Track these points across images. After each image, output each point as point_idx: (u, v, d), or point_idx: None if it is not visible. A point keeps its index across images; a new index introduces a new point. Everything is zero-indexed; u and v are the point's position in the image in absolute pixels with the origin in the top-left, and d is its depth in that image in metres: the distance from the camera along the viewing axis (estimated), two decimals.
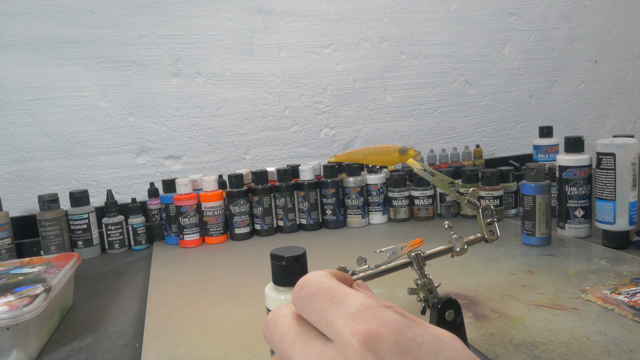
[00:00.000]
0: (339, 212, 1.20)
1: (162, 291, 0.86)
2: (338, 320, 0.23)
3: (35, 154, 1.23)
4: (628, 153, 0.88)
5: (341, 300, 0.24)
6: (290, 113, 1.43)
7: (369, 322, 0.22)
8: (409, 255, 0.52)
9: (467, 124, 1.62)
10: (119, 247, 1.16)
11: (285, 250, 0.47)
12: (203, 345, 0.65)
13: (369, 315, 0.23)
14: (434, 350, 0.22)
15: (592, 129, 1.80)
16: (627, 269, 0.80)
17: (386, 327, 0.22)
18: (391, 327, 0.22)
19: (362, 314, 0.23)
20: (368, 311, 0.23)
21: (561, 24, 1.70)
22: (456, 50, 1.58)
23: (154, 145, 1.32)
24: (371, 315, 0.23)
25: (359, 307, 0.23)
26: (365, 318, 0.23)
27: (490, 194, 1.15)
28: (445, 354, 0.22)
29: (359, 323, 0.22)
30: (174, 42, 1.31)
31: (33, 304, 0.62)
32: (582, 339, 0.59)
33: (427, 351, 0.22)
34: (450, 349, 0.23)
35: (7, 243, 1.07)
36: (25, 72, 1.20)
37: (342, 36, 1.45)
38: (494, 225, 0.57)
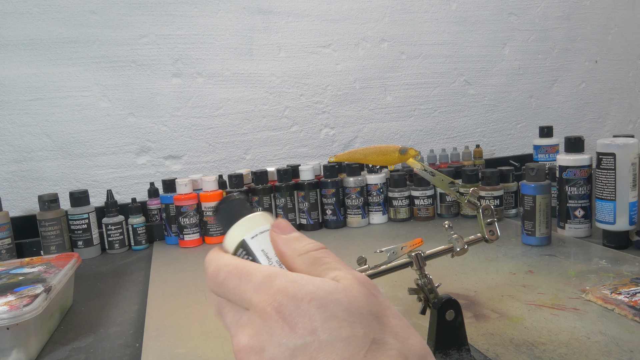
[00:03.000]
0: (339, 212, 1.20)
1: (162, 291, 0.86)
2: (247, 294, 0.28)
3: (35, 154, 1.23)
4: (628, 153, 0.88)
5: (247, 277, 0.28)
6: (290, 113, 1.43)
7: (269, 291, 0.27)
8: (409, 255, 0.52)
9: (467, 124, 1.62)
10: (119, 247, 1.16)
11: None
12: (203, 345, 0.65)
13: (269, 285, 0.27)
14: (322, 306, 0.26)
15: (592, 129, 1.80)
16: (627, 269, 0.80)
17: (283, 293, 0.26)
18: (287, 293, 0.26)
19: (265, 285, 0.27)
20: (268, 281, 0.27)
21: (561, 24, 1.70)
22: (456, 50, 1.58)
23: (154, 145, 1.32)
24: (269, 285, 0.27)
25: (261, 279, 0.27)
26: (267, 289, 0.27)
27: (490, 194, 1.15)
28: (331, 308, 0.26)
29: (263, 295, 0.27)
30: (174, 42, 1.31)
31: (33, 304, 0.62)
32: (582, 339, 0.59)
33: (314, 308, 0.26)
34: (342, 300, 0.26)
35: (7, 243, 1.07)
36: (25, 72, 1.20)
37: (342, 36, 1.45)
38: (494, 225, 0.57)
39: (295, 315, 0.26)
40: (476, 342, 0.60)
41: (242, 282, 0.28)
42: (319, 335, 0.25)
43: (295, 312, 0.26)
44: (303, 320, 0.25)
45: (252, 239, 0.33)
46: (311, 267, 0.29)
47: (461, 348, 0.52)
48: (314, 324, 0.25)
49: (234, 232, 0.33)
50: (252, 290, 0.28)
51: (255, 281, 0.28)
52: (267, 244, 0.33)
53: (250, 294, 0.28)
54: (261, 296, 0.27)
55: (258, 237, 0.33)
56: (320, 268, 0.29)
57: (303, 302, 0.26)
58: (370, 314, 0.26)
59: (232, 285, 0.29)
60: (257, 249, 0.32)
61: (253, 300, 0.27)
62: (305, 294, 0.26)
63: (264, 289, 0.27)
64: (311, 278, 0.27)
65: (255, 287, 0.28)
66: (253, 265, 0.29)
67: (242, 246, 0.32)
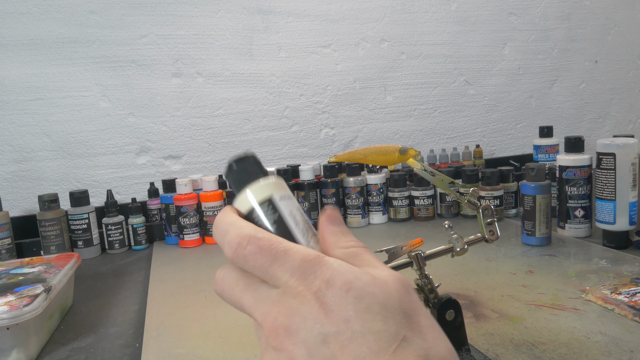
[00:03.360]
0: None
1: (162, 291, 0.86)
2: (282, 274, 0.27)
3: (35, 154, 1.23)
4: (628, 153, 0.88)
5: (283, 256, 0.27)
6: (290, 113, 1.43)
7: (308, 276, 0.27)
8: (409, 255, 0.52)
9: (467, 124, 1.62)
10: (119, 247, 1.16)
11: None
12: (203, 345, 0.65)
13: (308, 269, 0.27)
14: (358, 297, 0.26)
15: (592, 129, 1.80)
16: (627, 269, 0.80)
17: (322, 279, 0.26)
18: (326, 279, 0.26)
19: (304, 269, 0.27)
20: (308, 265, 0.27)
21: (561, 24, 1.70)
22: (456, 50, 1.58)
23: (154, 145, 1.32)
24: (310, 270, 0.27)
25: (300, 262, 0.27)
26: (306, 273, 0.27)
27: (490, 194, 1.15)
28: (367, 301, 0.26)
29: (301, 279, 0.27)
30: (174, 42, 1.31)
31: (33, 304, 0.62)
32: (582, 339, 0.59)
33: (352, 298, 0.26)
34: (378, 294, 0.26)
35: (7, 243, 1.07)
36: (25, 72, 1.20)
37: (342, 36, 1.45)
38: (494, 225, 0.57)
39: (332, 303, 0.26)
40: (476, 342, 0.60)
41: (277, 262, 0.27)
42: (353, 325, 0.25)
43: (332, 299, 0.26)
44: (339, 309, 0.25)
45: (281, 199, 0.31)
46: (350, 260, 0.29)
47: (461, 348, 0.52)
48: (348, 314, 0.25)
49: (260, 188, 0.31)
50: (288, 273, 0.27)
51: (293, 263, 0.27)
52: (295, 209, 0.32)
53: (287, 276, 0.27)
54: (299, 280, 0.27)
55: (286, 200, 0.32)
56: (359, 263, 0.29)
57: (341, 290, 0.26)
58: (404, 312, 0.27)
59: (262, 262, 0.28)
60: (286, 211, 0.31)
61: (290, 283, 0.27)
62: (344, 283, 0.26)
63: (303, 273, 0.27)
64: (350, 267, 0.28)
65: (292, 269, 0.27)
66: (289, 244, 0.28)
67: (269, 203, 0.31)
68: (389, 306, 0.26)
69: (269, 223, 0.31)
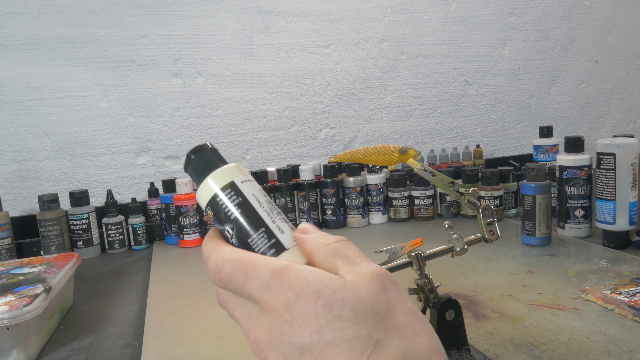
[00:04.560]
0: (339, 212, 1.20)
1: (162, 291, 0.86)
2: (255, 291, 0.28)
3: (35, 154, 1.23)
4: (628, 153, 0.88)
5: (253, 273, 0.28)
6: (290, 113, 1.43)
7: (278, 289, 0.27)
8: (409, 255, 0.52)
9: (467, 124, 1.62)
10: (119, 247, 1.16)
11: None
12: (203, 345, 0.65)
13: (277, 283, 0.27)
14: (327, 306, 0.26)
15: (592, 129, 1.80)
16: (627, 269, 0.80)
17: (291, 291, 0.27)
18: (294, 291, 0.27)
19: (272, 283, 0.28)
20: (276, 279, 0.28)
21: (561, 24, 1.70)
22: (456, 50, 1.58)
23: (154, 145, 1.32)
24: (278, 283, 0.27)
25: (269, 277, 0.28)
26: (275, 287, 0.27)
27: (490, 194, 1.15)
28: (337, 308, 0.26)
29: (271, 293, 0.27)
30: (174, 42, 1.31)
31: (33, 304, 0.62)
32: (582, 339, 0.59)
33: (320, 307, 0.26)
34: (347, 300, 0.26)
35: (7, 243, 1.07)
36: (25, 72, 1.20)
37: (342, 36, 1.45)
38: (494, 225, 0.57)
39: (302, 314, 0.26)
40: (476, 342, 0.60)
41: (249, 279, 0.29)
42: (325, 335, 0.25)
43: (302, 310, 0.26)
44: (310, 320, 0.26)
45: (242, 183, 0.33)
46: (330, 259, 0.30)
47: (461, 348, 0.52)
48: (319, 324, 0.25)
49: (220, 174, 0.33)
50: (260, 288, 0.28)
51: (263, 278, 0.28)
52: (257, 191, 0.33)
53: (259, 292, 0.28)
54: (270, 294, 0.27)
55: (247, 183, 0.33)
56: (340, 259, 0.29)
57: (310, 300, 0.26)
58: (376, 315, 0.26)
59: (238, 282, 0.29)
60: (248, 192, 0.33)
61: (262, 298, 0.28)
62: (312, 292, 0.26)
63: (273, 287, 0.27)
64: (319, 274, 0.28)
65: (263, 284, 0.28)
66: (258, 259, 0.29)
67: (231, 187, 0.32)
68: (360, 311, 0.26)
69: (234, 206, 0.32)
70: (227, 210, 0.32)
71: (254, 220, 0.32)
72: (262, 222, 0.32)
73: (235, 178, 0.33)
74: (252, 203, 0.32)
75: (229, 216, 0.32)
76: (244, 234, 0.32)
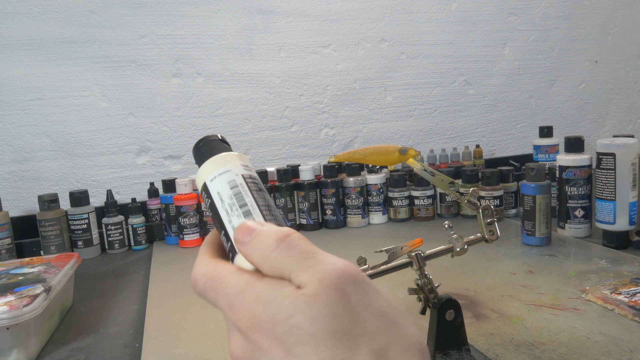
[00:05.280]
0: (339, 212, 1.20)
1: (162, 291, 0.86)
2: (224, 310, 0.28)
3: (35, 154, 1.23)
4: (628, 153, 0.88)
5: (221, 290, 0.28)
6: (290, 113, 1.43)
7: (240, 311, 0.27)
8: (409, 255, 0.52)
9: (467, 124, 1.62)
10: (119, 247, 1.16)
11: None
12: (203, 345, 0.65)
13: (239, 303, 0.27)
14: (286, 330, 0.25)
15: (592, 129, 1.80)
16: (627, 269, 0.80)
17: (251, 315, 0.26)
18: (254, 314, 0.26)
19: (236, 304, 0.27)
20: (238, 299, 0.27)
21: (561, 24, 1.70)
22: (456, 50, 1.58)
23: (154, 145, 1.32)
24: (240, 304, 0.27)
25: (233, 297, 0.27)
26: (238, 308, 0.27)
27: (490, 194, 1.15)
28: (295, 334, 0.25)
29: (236, 314, 0.27)
30: (174, 42, 1.31)
31: (33, 304, 0.62)
32: (582, 339, 0.59)
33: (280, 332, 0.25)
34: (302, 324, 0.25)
35: (7, 243, 1.07)
36: (25, 72, 1.20)
37: (342, 36, 1.45)
38: (494, 225, 0.57)
39: (267, 339, 0.25)
40: (476, 342, 0.60)
41: (218, 297, 0.29)
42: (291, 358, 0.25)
43: (265, 335, 0.26)
44: (274, 343, 0.25)
45: (212, 181, 0.32)
46: (280, 270, 0.27)
47: (461, 348, 0.52)
48: (285, 347, 0.25)
49: (199, 174, 0.33)
50: (227, 308, 0.28)
51: (228, 298, 0.28)
52: (223, 186, 0.31)
53: (227, 311, 0.28)
54: (235, 315, 0.27)
55: (216, 179, 0.32)
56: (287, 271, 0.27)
57: (269, 325, 0.25)
58: (336, 333, 0.24)
59: (210, 298, 0.29)
60: (214, 192, 0.31)
61: (230, 317, 0.28)
62: (270, 317, 0.26)
63: (236, 308, 0.27)
64: (275, 291, 0.26)
65: (228, 304, 0.28)
66: (225, 275, 0.29)
67: (204, 190, 0.32)
68: (317, 332, 0.24)
69: (207, 208, 0.32)
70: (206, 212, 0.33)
71: (217, 221, 0.31)
72: (221, 222, 0.31)
73: (207, 177, 0.32)
74: (215, 202, 0.31)
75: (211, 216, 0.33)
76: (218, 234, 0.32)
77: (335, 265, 0.26)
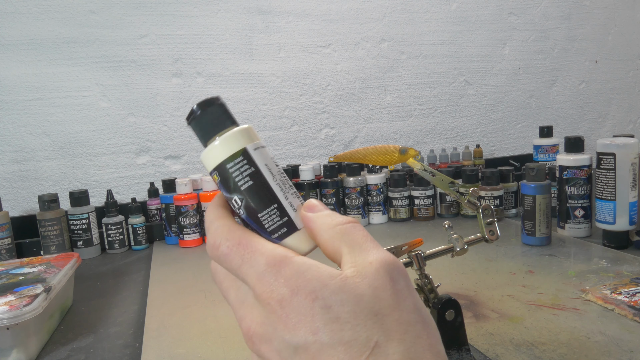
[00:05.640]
0: (339, 212, 1.20)
1: (162, 291, 0.86)
2: (249, 279, 0.27)
3: (35, 154, 1.23)
4: (628, 153, 0.88)
5: (250, 259, 0.27)
6: (290, 113, 1.43)
7: (273, 283, 0.26)
8: (409, 255, 0.52)
9: (467, 124, 1.62)
10: (119, 247, 1.16)
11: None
12: (203, 345, 0.65)
13: (272, 276, 0.26)
14: (325, 307, 0.25)
15: (592, 129, 1.80)
16: (627, 269, 0.80)
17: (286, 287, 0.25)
18: (290, 287, 0.25)
19: (267, 275, 0.26)
20: (272, 271, 0.26)
21: (561, 24, 1.70)
22: (456, 50, 1.58)
23: (154, 145, 1.32)
24: (274, 276, 0.26)
25: (265, 267, 0.26)
26: (270, 280, 0.26)
27: (490, 194, 1.15)
28: (335, 310, 0.25)
29: (265, 286, 0.26)
30: (174, 42, 1.31)
31: (33, 304, 0.62)
32: (582, 339, 0.59)
33: (318, 308, 0.25)
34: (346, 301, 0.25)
35: (7, 243, 1.07)
36: (25, 72, 1.20)
37: (342, 36, 1.45)
38: (494, 225, 0.57)
39: (298, 313, 0.25)
40: (476, 342, 0.60)
41: (245, 264, 0.27)
42: (321, 336, 0.24)
43: (297, 310, 0.25)
44: (305, 319, 0.25)
45: (255, 150, 0.30)
46: (336, 243, 0.28)
47: (461, 348, 0.52)
48: (315, 324, 0.25)
49: (231, 138, 0.30)
50: (255, 278, 0.27)
51: (258, 268, 0.27)
52: (269, 161, 0.30)
53: (254, 281, 0.27)
54: (264, 287, 0.26)
55: (259, 150, 0.30)
56: (344, 246, 0.28)
57: (307, 300, 0.25)
58: (377, 314, 0.25)
59: (234, 264, 0.28)
60: (261, 162, 0.30)
61: (256, 289, 0.26)
62: (310, 292, 0.25)
63: (267, 279, 0.26)
64: (318, 272, 0.26)
65: (257, 274, 0.27)
66: (257, 244, 0.28)
67: (243, 154, 0.30)
68: (359, 312, 0.25)
69: (245, 177, 0.29)
70: (238, 180, 0.29)
71: (266, 195, 0.29)
72: (274, 197, 0.29)
73: (248, 144, 0.30)
74: (264, 175, 0.30)
75: (239, 186, 0.29)
76: (254, 209, 0.29)
77: (388, 254, 0.28)
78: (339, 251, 0.28)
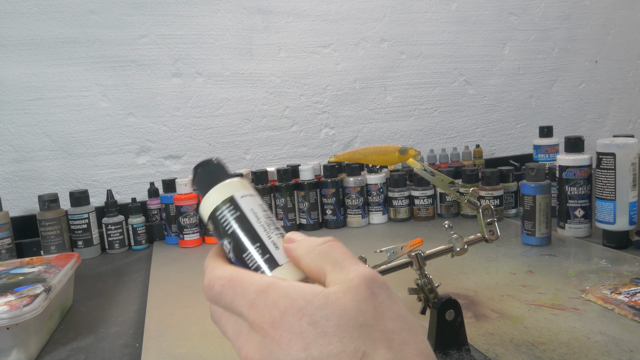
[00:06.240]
0: (339, 212, 1.20)
1: (162, 291, 0.86)
2: (243, 309, 0.29)
3: (35, 154, 1.23)
4: (628, 153, 0.88)
5: (241, 291, 0.29)
6: (290, 113, 1.43)
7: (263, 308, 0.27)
8: (409, 255, 0.52)
9: (467, 124, 1.62)
10: (119, 247, 1.16)
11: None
12: (203, 345, 0.65)
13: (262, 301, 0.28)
14: (312, 323, 0.26)
15: (592, 129, 1.80)
16: (627, 269, 0.80)
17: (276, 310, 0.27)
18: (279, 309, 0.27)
19: (258, 302, 0.28)
20: (261, 297, 0.28)
21: (561, 24, 1.70)
22: (456, 50, 1.58)
23: (154, 145, 1.32)
24: (263, 301, 0.28)
25: (255, 295, 0.28)
26: (260, 306, 0.28)
27: (490, 194, 1.15)
28: (321, 325, 0.26)
29: (257, 312, 0.28)
30: (174, 42, 1.31)
31: (33, 303, 0.62)
32: (582, 339, 0.59)
33: (305, 325, 0.26)
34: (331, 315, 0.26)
35: (7, 243, 1.07)
36: (25, 72, 1.20)
37: (342, 36, 1.45)
38: (494, 225, 0.57)
39: (289, 332, 0.26)
40: (476, 342, 0.60)
41: (237, 297, 0.29)
42: (312, 351, 0.26)
43: (288, 328, 0.26)
44: (296, 337, 0.26)
45: (242, 198, 0.34)
46: (318, 263, 0.30)
47: (461, 348, 0.52)
48: (305, 341, 0.26)
49: (221, 189, 0.34)
50: (247, 307, 0.28)
51: (249, 297, 0.28)
52: (256, 206, 0.34)
53: (246, 310, 0.28)
54: (256, 313, 0.28)
55: (247, 197, 0.34)
56: (326, 265, 0.30)
57: (295, 318, 0.26)
58: (362, 326, 0.26)
59: (227, 299, 0.30)
60: (247, 207, 0.33)
61: (249, 317, 0.28)
62: (296, 311, 0.27)
63: (258, 305, 0.28)
64: (302, 290, 0.28)
65: (249, 303, 0.28)
66: (245, 277, 0.30)
67: (230, 201, 0.33)
68: (344, 325, 0.26)
69: (232, 220, 0.33)
70: (226, 224, 0.33)
71: (250, 235, 0.32)
72: (257, 237, 0.32)
73: (236, 192, 0.34)
74: (249, 218, 0.33)
75: (227, 230, 0.33)
76: (240, 249, 0.32)
77: (367, 269, 0.29)
78: (322, 271, 0.30)
